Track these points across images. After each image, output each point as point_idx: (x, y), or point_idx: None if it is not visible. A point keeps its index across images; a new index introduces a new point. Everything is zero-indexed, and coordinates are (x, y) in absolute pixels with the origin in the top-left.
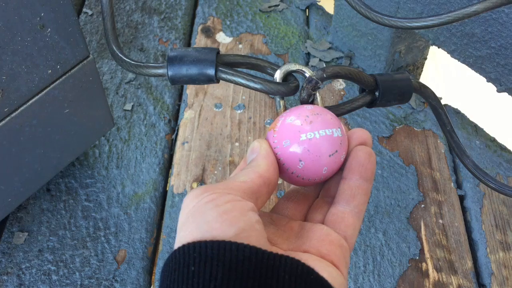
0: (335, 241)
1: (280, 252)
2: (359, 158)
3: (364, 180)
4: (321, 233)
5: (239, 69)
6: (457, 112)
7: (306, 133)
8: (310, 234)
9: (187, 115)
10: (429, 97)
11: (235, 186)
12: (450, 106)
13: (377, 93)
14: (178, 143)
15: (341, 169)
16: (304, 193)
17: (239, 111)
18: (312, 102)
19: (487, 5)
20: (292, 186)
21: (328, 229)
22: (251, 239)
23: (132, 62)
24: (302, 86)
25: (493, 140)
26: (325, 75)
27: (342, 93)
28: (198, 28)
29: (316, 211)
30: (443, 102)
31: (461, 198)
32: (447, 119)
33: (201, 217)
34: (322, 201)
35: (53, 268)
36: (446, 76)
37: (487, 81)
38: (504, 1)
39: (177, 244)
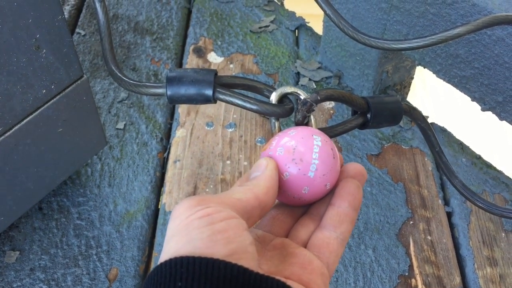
0: (316, 269)
1: (266, 274)
2: (349, 187)
3: (352, 208)
4: (303, 259)
5: (236, 90)
6: (443, 130)
7: (301, 150)
8: (293, 260)
9: (179, 134)
10: (418, 119)
11: (230, 202)
12: (436, 125)
13: (369, 115)
14: (170, 161)
15: (329, 194)
16: (289, 211)
17: (230, 130)
18: (306, 124)
19: (469, 28)
20: (276, 204)
21: (311, 255)
22: (242, 261)
23: (132, 81)
24: (297, 108)
25: (479, 157)
26: (319, 98)
27: (331, 111)
28: (189, 48)
29: (301, 228)
30: (430, 120)
31: (449, 215)
32: (436, 141)
33: (194, 233)
34: (308, 219)
35: (44, 287)
36: (433, 94)
37: (472, 100)
38: (486, 24)
39: (164, 256)
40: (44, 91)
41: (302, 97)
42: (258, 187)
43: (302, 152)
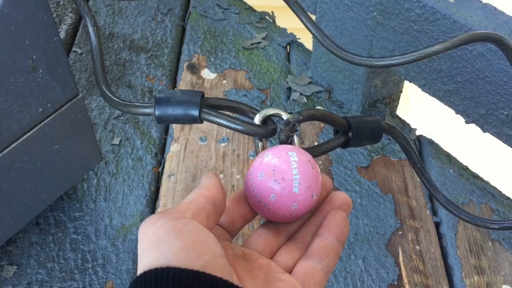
0: None
1: None
2: (337, 220)
3: (338, 242)
4: (289, 286)
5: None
6: (431, 142)
7: (281, 169)
8: (279, 285)
9: (173, 149)
10: (398, 137)
11: (184, 208)
12: (424, 137)
13: (350, 134)
14: (165, 175)
15: (316, 223)
16: (275, 231)
17: (223, 144)
18: (290, 143)
19: (446, 45)
20: (263, 223)
21: (297, 283)
22: (216, 273)
23: (121, 101)
24: (281, 129)
25: (466, 168)
26: (301, 118)
27: (322, 125)
28: (183, 65)
29: (286, 254)
30: (418, 133)
31: (437, 225)
32: (417, 158)
33: (166, 246)
34: (293, 246)
35: None
36: (427, 106)
37: (456, 113)
38: (463, 41)
39: (140, 272)
40: (41, 109)
41: (285, 117)
42: (201, 187)
43: (282, 171)
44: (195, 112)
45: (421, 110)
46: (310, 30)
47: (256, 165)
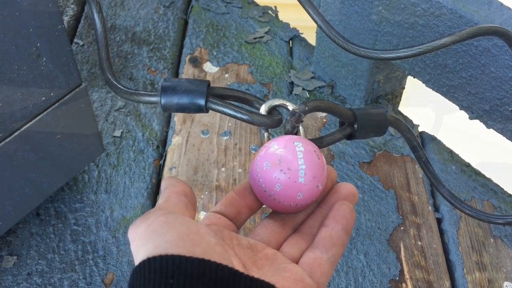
0: (308, 287)
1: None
2: (343, 211)
3: (344, 232)
4: (296, 275)
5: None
6: (433, 138)
7: (286, 159)
8: (286, 274)
9: (175, 142)
10: (404, 130)
11: (164, 206)
12: (426, 133)
13: (355, 126)
14: (166, 168)
15: (322, 214)
16: (282, 222)
17: (225, 138)
18: (296, 134)
19: (454, 39)
20: (269, 213)
21: (304, 273)
22: (216, 260)
23: (127, 89)
24: (286, 119)
25: (468, 165)
26: (307, 109)
27: (324, 120)
28: (186, 58)
29: (293, 245)
30: (420, 129)
31: (439, 221)
32: (422, 151)
33: (161, 237)
34: (300, 237)
35: None
36: (424, 104)
37: (460, 108)
38: (470, 34)
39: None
40: (44, 98)
41: (290, 108)
42: (166, 187)
43: (288, 161)
44: (201, 101)
45: (419, 108)
46: (316, 22)
47: (262, 155)
